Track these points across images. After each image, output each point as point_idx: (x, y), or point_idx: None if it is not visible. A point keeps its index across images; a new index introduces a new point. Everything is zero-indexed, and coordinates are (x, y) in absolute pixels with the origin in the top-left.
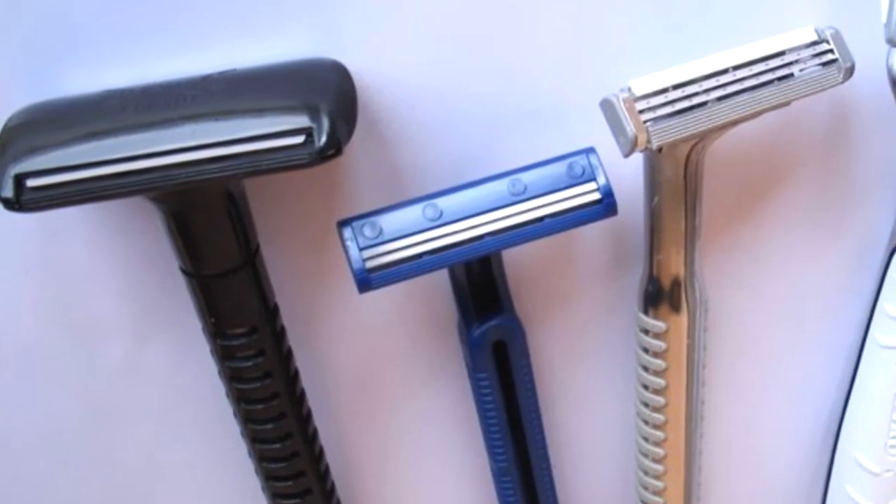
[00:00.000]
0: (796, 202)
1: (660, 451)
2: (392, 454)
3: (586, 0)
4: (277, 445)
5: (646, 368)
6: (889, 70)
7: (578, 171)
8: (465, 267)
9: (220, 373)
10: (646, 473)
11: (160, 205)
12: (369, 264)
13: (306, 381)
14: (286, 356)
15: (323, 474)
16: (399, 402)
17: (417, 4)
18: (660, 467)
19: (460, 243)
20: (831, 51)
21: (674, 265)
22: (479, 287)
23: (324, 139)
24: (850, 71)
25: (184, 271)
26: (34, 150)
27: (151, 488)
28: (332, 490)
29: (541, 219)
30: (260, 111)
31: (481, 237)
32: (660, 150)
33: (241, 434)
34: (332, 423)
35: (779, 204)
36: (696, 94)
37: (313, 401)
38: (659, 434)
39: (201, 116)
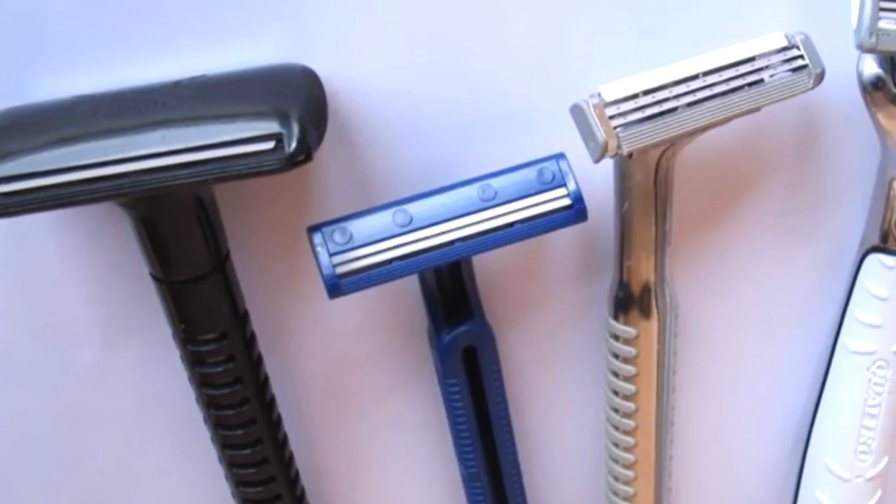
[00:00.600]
0: (766, 208)
1: (630, 457)
2: (362, 460)
3: (556, 6)
4: (247, 451)
5: (616, 374)
6: (859, 75)
7: (549, 176)
8: (435, 273)
9: (190, 378)
10: (616, 479)
11: (130, 210)
12: (339, 270)
13: (276, 387)
14: (256, 362)
15: (293, 480)
16: (369, 408)
17: (388, 10)
18: (630, 473)
19: (430, 249)
20: (801, 56)
21: (644, 271)
22: (450, 293)
23: (294, 145)
24: (821, 76)
25: (154, 277)
26: (5, 156)
27: (122, 493)
28: (302, 495)
29: (511, 224)
30: (230, 117)
31: (451, 243)
32: (630, 155)
33: (212, 439)
34: (303, 428)
35: (749, 209)
36: (666, 99)
37: (283, 406)
38: (629, 440)
39: (172, 122)
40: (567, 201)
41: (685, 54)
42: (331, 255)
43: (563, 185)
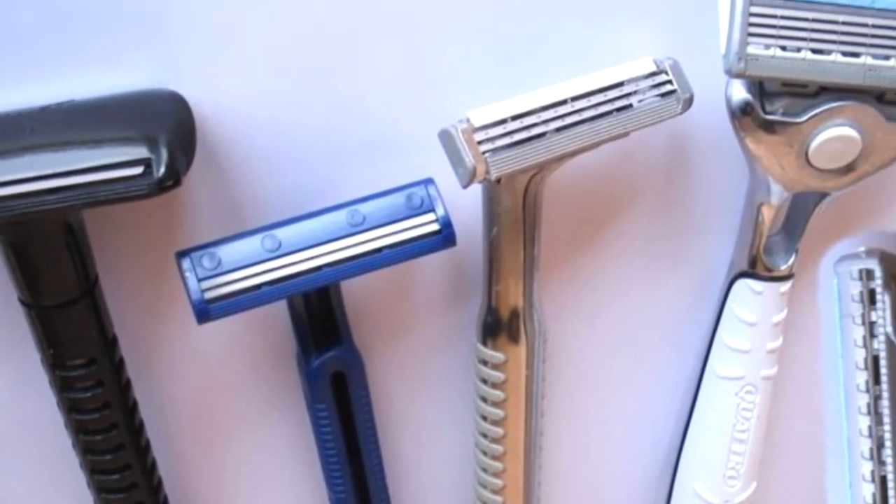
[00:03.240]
0: (635, 233)
1: (498, 482)
2: (230, 485)
3: (424, 31)
4: (116, 476)
5: (484, 399)
6: (728, 100)
7: (417, 202)
8: (303, 298)
9: (58, 404)
10: None
11: None
12: (208, 295)
13: (145, 412)
14: (125, 387)
15: None
16: (238, 433)
17: (255, 36)
18: (498, 498)
19: (299, 274)
20: (670, 81)
21: (512, 296)
22: (318, 318)
23: (162, 170)
24: (689, 102)
25: (22, 302)
26: None
27: None
28: None
29: (379, 250)
30: (99, 142)
31: (319, 268)
32: (499, 180)
33: (80, 465)
34: (171, 453)
35: (618, 235)
36: (534, 124)
37: (152, 432)
38: (497, 465)
39: (40, 147)
40: (435, 226)
41: (554, 79)
42: (199, 280)
43: (432, 210)
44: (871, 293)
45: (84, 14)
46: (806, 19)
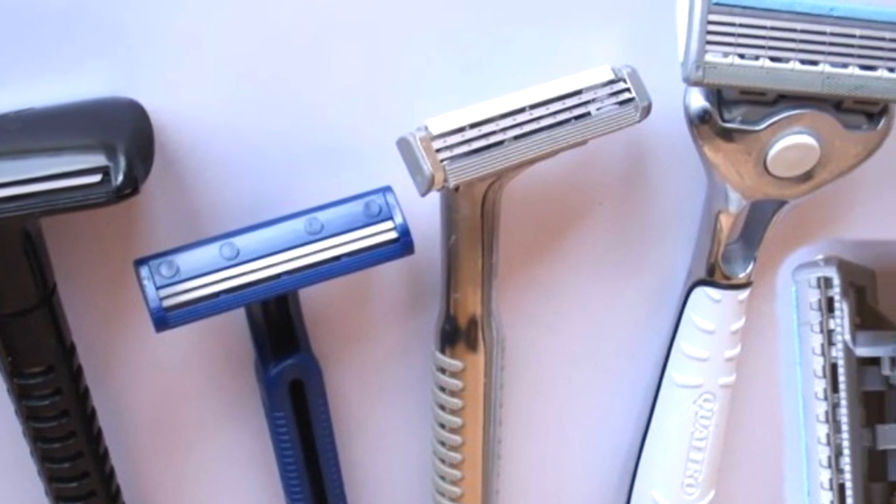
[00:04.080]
0: (593, 241)
1: (457, 490)
2: (188, 493)
3: (383, 39)
4: (74, 484)
5: (442, 407)
6: (686, 108)
7: (375, 210)
8: (261, 306)
9: (16, 412)
10: None
11: None
12: (166, 303)
13: (103, 420)
14: (83, 395)
15: None
16: (196, 441)
17: (214, 44)
18: None
19: (257, 282)
20: (628, 89)
21: (471, 304)
22: (276, 326)
23: (120, 178)
24: (647, 110)
25: None
26: None
27: None
28: None
29: (337, 258)
30: (57, 150)
31: (278, 276)
32: (457, 188)
33: (38, 473)
34: (129, 461)
35: (576, 243)
36: (493, 132)
37: (110, 440)
38: (456, 473)
39: None
40: (394, 234)
41: (513, 87)
42: (157, 288)
43: (390, 218)
44: (830, 301)
45: (43, 22)
46: (764, 27)
